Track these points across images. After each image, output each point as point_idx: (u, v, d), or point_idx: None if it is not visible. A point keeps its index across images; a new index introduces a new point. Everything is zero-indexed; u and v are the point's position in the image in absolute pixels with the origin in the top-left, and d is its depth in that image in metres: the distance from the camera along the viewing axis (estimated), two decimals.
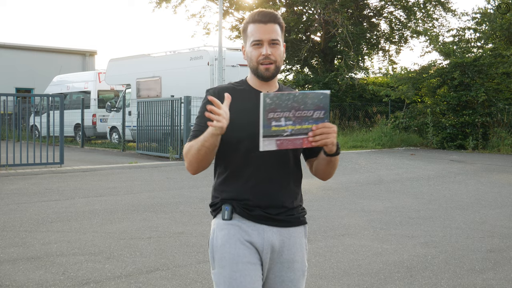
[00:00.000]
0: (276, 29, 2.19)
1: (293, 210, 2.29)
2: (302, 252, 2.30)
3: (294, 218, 2.29)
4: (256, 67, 2.20)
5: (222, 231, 2.22)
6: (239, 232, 2.20)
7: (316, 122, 1.99)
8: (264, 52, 2.17)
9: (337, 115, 23.70)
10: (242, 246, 2.18)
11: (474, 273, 4.81)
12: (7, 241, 5.70)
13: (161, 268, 4.82)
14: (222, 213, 2.23)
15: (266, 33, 2.17)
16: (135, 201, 8.08)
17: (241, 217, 2.21)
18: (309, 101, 1.95)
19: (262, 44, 2.18)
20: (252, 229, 2.21)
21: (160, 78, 17.50)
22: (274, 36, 2.18)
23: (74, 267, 4.83)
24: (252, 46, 2.19)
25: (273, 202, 2.22)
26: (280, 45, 2.21)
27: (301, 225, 2.32)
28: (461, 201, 8.45)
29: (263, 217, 2.21)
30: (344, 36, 23.74)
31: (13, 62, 30.80)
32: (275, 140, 1.95)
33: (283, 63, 2.27)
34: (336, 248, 5.59)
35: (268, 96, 1.90)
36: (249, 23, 2.22)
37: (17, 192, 8.85)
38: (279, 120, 1.94)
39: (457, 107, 18.88)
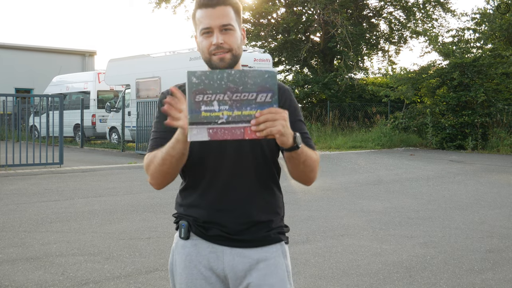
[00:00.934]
0: (228, 12, 1.84)
1: (262, 226, 1.89)
2: (280, 275, 1.88)
3: (263, 236, 1.88)
4: (209, 59, 1.85)
5: (180, 254, 1.93)
6: (196, 257, 1.89)
7: (261, 107, 1.56)
8: (215, 41, 1.81)
9: (337, 115, 23.72)
10: (198, 275, 1.88)
11: (473, 273, 4.81)
12: (6, 241, 5.70)
13: (160, 268, 4.83)
14: (179, 231, 1.93)
15: (215, 19, 1.82)
16: (135, 202, 8.08)
17: (198, 236, 1.90)
18: (250, 81, 1.55)
19: (212, 32, 1.83)
20: (210, 252, 1.88)
21: (159, 78, 17.50)
22: (225, 20, 1.83)
23: (73, 267, 4.83)
24: (202, 35, 1.85)
25: (235, 218, 1.86)
26: (235, 30, 1.85)
27: (275, 243, 1.91)
28: (460, 201, 8.46)
29: (221, 237, 1.87)
30: (343, 36, 23.75)
31: (12, 62, 30.80)
32: (207, 129, 1.55)
33: (241, 51, 1.90)
34: (335, 248, 5.60)
35: (195, 75, 1.54)
36: (196, 8, 1.88)
37: (16, 193, 8.85)
38: (211, 104, 1.55)
39: (456, 108, 18.89)
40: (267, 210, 1.91)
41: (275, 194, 1.94)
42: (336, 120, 23.43)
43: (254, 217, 1.88)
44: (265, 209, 1.90)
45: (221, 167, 1.86)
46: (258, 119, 1.54)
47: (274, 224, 1.92)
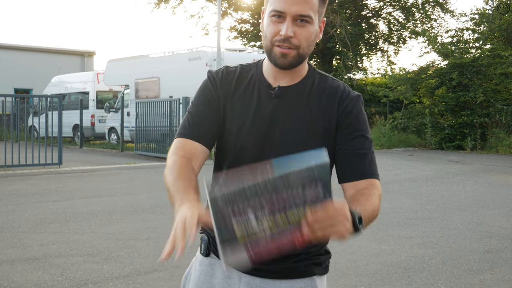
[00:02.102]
0: (311, 1, 1.47)
1: (292, 257, 1.54)
2: None
3: (286, 268, 1.56)
4: (270, 49, 1.51)
5: (195, 270, 1.69)
6: (211, 278, 1.63)
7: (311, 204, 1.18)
8: (284, 32, 1.46)
9: None
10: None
11: (472, 274, 4.82)
12: (5, 242, 5.70)
13: (159, 269, 4.83)
14: (200, 245, 1.68)
15: (292, 4, 1.45)
16: (134, 202, 8.09)
17: (216, 257, 1.62)
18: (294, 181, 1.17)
19: (285, 18, 1.46)
20: (227, 276, 1.61)
21: (158, 78, 17.51)
22: (304, 10, 1.45)
23: (72, 268, 4.83)
24: (270, 17, 1.49)
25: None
26: (312, 24, 1.49)
27: (304, 278, 1.58)
28: (459, 202, 8.47)
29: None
30: (342, 36, 23.78)
31: (11, 62, 30.79)
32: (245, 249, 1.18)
33: (311, 50, 1.54)
34: (333, 248, 5.55)
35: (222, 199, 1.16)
36: None
37: (15, 193, 8.86)
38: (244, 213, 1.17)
39: (455, 108, 18.91)
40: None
41: None
42: None
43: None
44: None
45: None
46: (311, 226, 1.18)
47: (306, 252, 1.56)
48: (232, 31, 28.32)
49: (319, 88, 1.57)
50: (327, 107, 1.55)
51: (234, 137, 1.56)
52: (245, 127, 1.55)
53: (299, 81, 1.57)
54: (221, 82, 1.60)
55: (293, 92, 1.56)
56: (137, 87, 18.28)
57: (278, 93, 1.55)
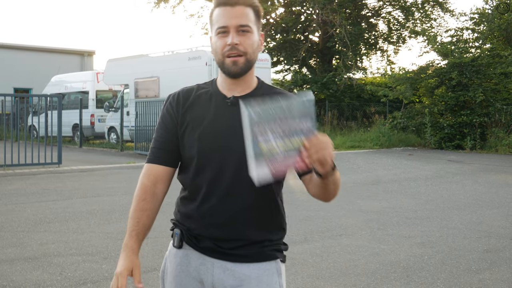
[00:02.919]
0: (247, 13, 1.74)
1: (257, 244, 1.79)
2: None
3: (255, 252, 1.79)
4: (222, 61, 1.74)
5: (171, 263, 1.88)
6: (187, 267, 1.84)
7: (306, 134, 1.52)
8: (230, 41, 1.71)
9: (335, 115, 23.73)
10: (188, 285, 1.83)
11: (471, 273, 4.83)
12: (4, 241, 5.71)
13: (157, 268, 4.83)
14: (173, 239, 1.88)
15: (232, 18, 1.71)
16: None
17: (190, 246, 1.84)
18: (295, 109, 1.51)
19: (228, 32, 1.72)
20: (201, 263, 1.82)
21: (158, 78, 17.50)
22: (243, 21, 1.72)
23: (71, 267, 4.84)
24: (217, 35, 1.74)
25: (229, 233, 1.78)
26: (253, 33, 1.74)
27: (270, 261, 1.81)
28: (459, 201, 8.47)
29: (212, 250, 1.80)
30: (342, 36, 23.77)
31: (11, 62, 30.78)
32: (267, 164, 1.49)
33: (257, 56, 1.79)
34: (333, 248, 5.61)
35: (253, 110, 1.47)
36: (214, 7, 1.78)
37: (15, 193, 8.86)
38: (265, 133, 1.47)
39: (455, 107, 18.92)
40: (266, 229, 1.81)
41: (277, 211, 1.84)
42: (334, 120, 23.44)
43: (252, 234, 1.78)
44: (266, 226, 1.80)
45: (218, 181, 1.76)
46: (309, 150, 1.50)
47: (273, 242, 1.82)
48: None
49: (268, 96, 1.74)
50: None
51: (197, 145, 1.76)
52: (205, 134, 1.76)
53: (251, 91, 1.80)
54: (177, 104, 1.83)
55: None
56: (137, 87, 18.27)
57: (233, 101, 1.76)
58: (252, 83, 1.82)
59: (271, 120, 1.48)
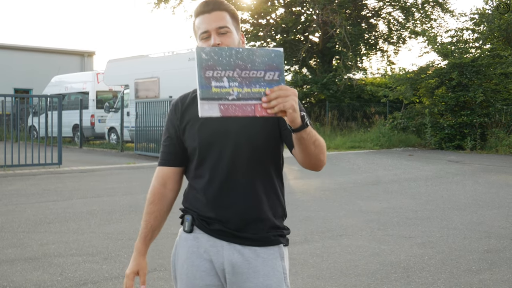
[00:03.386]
0: (223, 16, 1.93)
1: (262, 226, 1.94)
2: (277, 277, 1.94)
3: (261, 236, 1.94)
4: None
5: (183, 247, 2.01)
6: (198, 249, 1.97)
7: (269, 85, 1.59)
8: (212, 42, 1.89)
9: (335, 115, 23.73)
10: (200, 267, 1.96)
11: (471, 274, 4.83)
12: (5, 241, 5.71)
13: (158, 268, 4.83)
14: (184, 224, 2.01)
15: (211, 22, 1.91)
16: (133, 202, 8.09)
17: (200, 230, 1.97)
18: (258, 59, 1.58)
19: (210, 35, 1.91)
20: (211, 245, 1.95)
21: (158, 78, 17.51)
22: (221, 23, 1.91)
23: (72, 267, 4.84)
24: (201, 40, 1.93)
25: (236, 215, 1.92)
26: (232, 33, 1.93)
27: (273, 245, 1.96)
28: (459, 201, 8.47)
29: (222, 232, 1.94)
30: (342, 36, 23.77)
31: (11, 62, 30.80)
32: (218, 104, 1.57)
33: None
34: (333, 248, 5.61)
35: (204, 51, 1.57)
36: (195, 18, 1.97)
37: (15, 193, 8.86)
38: (221, 80, 1.57)
39: (455, 108, 18.92)
40: (270, 211, 1.96)
41: (279, 196, 1.99)
42: (335, 120, 23.44)
43: (254, 214, 1.92)
44: (268, 207, 1.95)
45: (219, 167, 1.91)
46: (269, 96, 1.56)
47: (274, 225, 1.96)
48: None
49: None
50: None
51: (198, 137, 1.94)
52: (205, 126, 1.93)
53: None
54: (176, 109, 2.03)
55: None
56: (137, 87, 18.28)
57: None
58: None
59: (228, 67, 1.56)
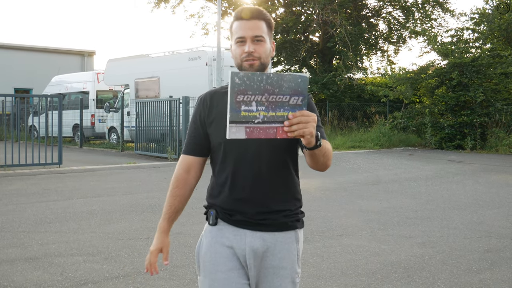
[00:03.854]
0: (260, 26, 2.11)
1: (279, 214, 2.16)
2: (291, 259, 2.18)
3: (280, 222, 2.16)
4: (240, 65, 2.12)
5: (207, 238, 2.21)
6: (221, 238, 2.16)
7: (293, 110, 1.73)
8: (247, 49, 2.08)
9: (336, 115, 23.73)
10: (222, 254, 2.15)
11: (471, 273, 4.83)
12: (5, 241, 5.71)
13: (159, 268, 4.82)
14: (208, 218, 2.22)
15: (249, 30, 2.09)
16: (134, 202, 8.09)
17: (224, 222, 2.17)
18: (285, 85, 1.70)
19: (245, 41, 2.09)
20: (234, 235, 2.15)
21: (158, 78, 17.51)
22: (257, 32, 2.10)
23: (72, 267, 4.84)
24: (236, 43, 2.12)
25: (255, 207, 2.13)
26: (266, 42, 2.12)
27: (290, 230, 2.19)
28: (459, 201, 8.47)
29: (243, 221, 2.14)
30: (342, 36, 23.76)
31: (11, 62, 30.78)
32: (244, 127, 1.70)
33: (269, 60, 2.18)
34: (333, 248, 5.61)
35: (238, 76, 1.68)
36: (234, 21, 2.14)
37: (15, 193, 8.86)
38: (250, 104, 1.69)
39: (455, 107, 18.91)
40: (285, 200, 2.17)
41: (294, 186, 2.20)
42: (335, 120, 23.44)
43: (273, 206, 2.14)
44: (285, 197, 2.17)
45: (243, 161, 2.11)
46: (291, 121, 1.74)
47: (291, 212, 2.19)
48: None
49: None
50: None
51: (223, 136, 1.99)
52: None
53: None
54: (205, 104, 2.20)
55: None
56: (137, 87, 18.28)
57: None
58: None
59: (258, 91, 1.69)
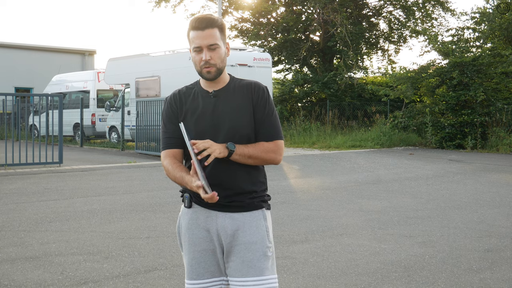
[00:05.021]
0: (214, 34, 2.34)
1: (245, 195, 2.40)
2: (261, 234, 2.41)
3: (246, 203, 2.41)
4: (200, 71, 2.39)
5: (184, 219, 2.47)
6: (196, 220, 2.43)
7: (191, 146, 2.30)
8: (204, 57, 2.33)
9: (336, 114, 23.73)
10: (198, 234, 2.42)
11: (471, 273, 4.83)
12: (6, 240, 5.71)
13: (159, 267, 4.84)
14: (184, 201, 2.47)
15: (204, 39, 2.32)
16: (134, 201, 8.09)
17: (197, 205, 2.43)
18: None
19: (202, 50, 2.34)
20: (207, 216, 2.41)
21: (159, 77, 17.51)
22: (212, 41, 2.33)
23: (73, 266, 4.84)
24: (194, 51, 2.36)
25: (224, 190, 2.35)
26: (220, 47, 2.36)
27: (257, 209, 2.43)
28: (459, 200, 8.47)
29: (215, 204, 2.34)
30: (343, 35, 23.77)
31: (12, 61, 30.79)
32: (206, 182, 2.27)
33: (225, 63, 2.41)
34: (334, 247, 5.61)
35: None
36: (189, 29, 2.37)
37: (16, 192, 8.86)
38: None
39: (456, 107, 18.90)
40: (251, 182, 2.41)
41: (258, 169, 2.45)
42: (335, 119, 23.44)
43: (240, 188, 2.39)
44: (249, 181, 2.41)
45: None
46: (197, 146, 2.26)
47: (257, 194, 2.43)
48: (232, 30, 28.30)
49: (239, 86, 2.45)
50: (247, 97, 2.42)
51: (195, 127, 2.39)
52: (200, 119, 2.39)
53: (225, 85, 2.45)
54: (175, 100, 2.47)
55: (223, 92, 2.43)
56: (138, 86, 18.27)
57: (215, 94, 2.43)
58: (225, 80, 2.46)
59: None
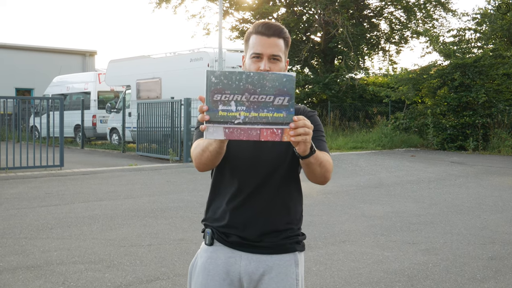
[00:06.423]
0: (279, 44, 2.01)
1: (278, 235, 2.05)
2: (289, 283, 2.05)
3: (279, 244, 2.05)
4: None
5: (202, 257, 2.12)
6: (215, 260, 2.07)
7: (278, 111, 1.63)
8: (262, 67, 1.97)
9: (337, 115, 23.69)
10: (215, 276, 2.06)
11: (475, 282, 4.79)
12: (6, 248, 5.68)
13: (161, 277, 4.80)
14: (204, 238, 2.13)
15: (267, 47, 1.98)
16: (135, 206, 8.06)
17: (219, 243, 2.09)
18: (268, 84, 1.62)
19: (262, 58, 1.99)
20: (230, 257, 2.06)
21: (160, 79, 17.49)
22: (275, 51, 1.99)
23: (74, 276, 4.81)
24: (251, 58, 2.01)
25: (252, 226, 2.03)
26: (281, 62, 2.02)
27: (289, 253, 2.08)
28: (462, 205, 8.43)
29: (239, 243, 2.04)
30: (344, 36, 23.71)
31: (13, 62, 30.78)
32: (223, 128, 1.62)
33: None
34: (336, 255, 5.57)
35: (214, 74, 1.61)
36: (252, 33, 2.03)
37: (17, 197, 8.83)
38: (228, 104, 1.62)
39: (457, 108, 18.86)
40: (287, 220, 2.07)
41: (297, 204, 2.11)
42: (336, 120, 23.40)
43: (273, 226, 2.04)
44: (285, 219, 2.06)
45: (248, 180, 2.02)
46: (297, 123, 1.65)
47: (291, 232, 2.08)
48: (233, 31, 28.26)
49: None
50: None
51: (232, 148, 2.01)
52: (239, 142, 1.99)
53: None
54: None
55: None
56: (139, 88, 18.25)
57: None
58: None
59: (237, 91, 1.62)
